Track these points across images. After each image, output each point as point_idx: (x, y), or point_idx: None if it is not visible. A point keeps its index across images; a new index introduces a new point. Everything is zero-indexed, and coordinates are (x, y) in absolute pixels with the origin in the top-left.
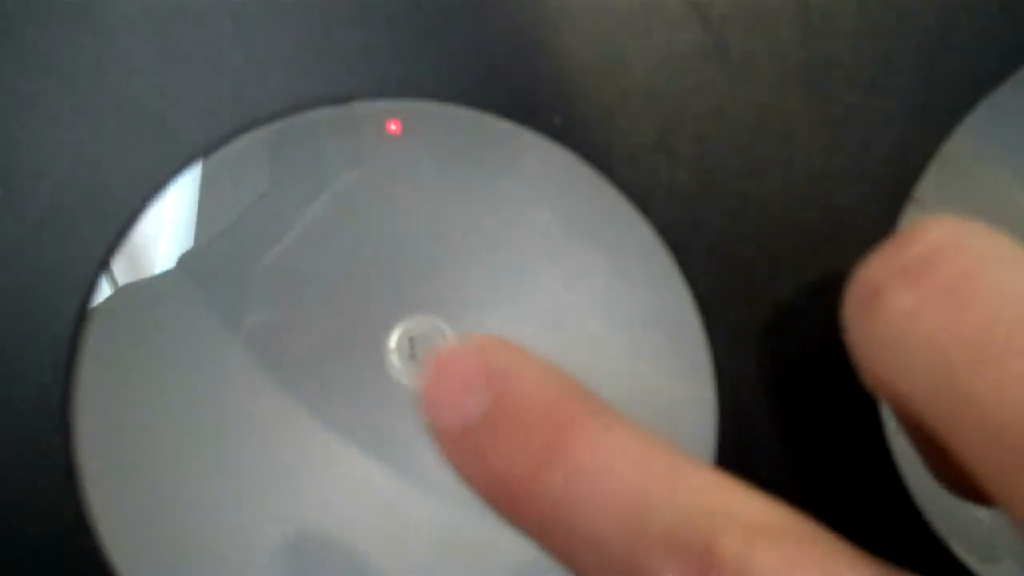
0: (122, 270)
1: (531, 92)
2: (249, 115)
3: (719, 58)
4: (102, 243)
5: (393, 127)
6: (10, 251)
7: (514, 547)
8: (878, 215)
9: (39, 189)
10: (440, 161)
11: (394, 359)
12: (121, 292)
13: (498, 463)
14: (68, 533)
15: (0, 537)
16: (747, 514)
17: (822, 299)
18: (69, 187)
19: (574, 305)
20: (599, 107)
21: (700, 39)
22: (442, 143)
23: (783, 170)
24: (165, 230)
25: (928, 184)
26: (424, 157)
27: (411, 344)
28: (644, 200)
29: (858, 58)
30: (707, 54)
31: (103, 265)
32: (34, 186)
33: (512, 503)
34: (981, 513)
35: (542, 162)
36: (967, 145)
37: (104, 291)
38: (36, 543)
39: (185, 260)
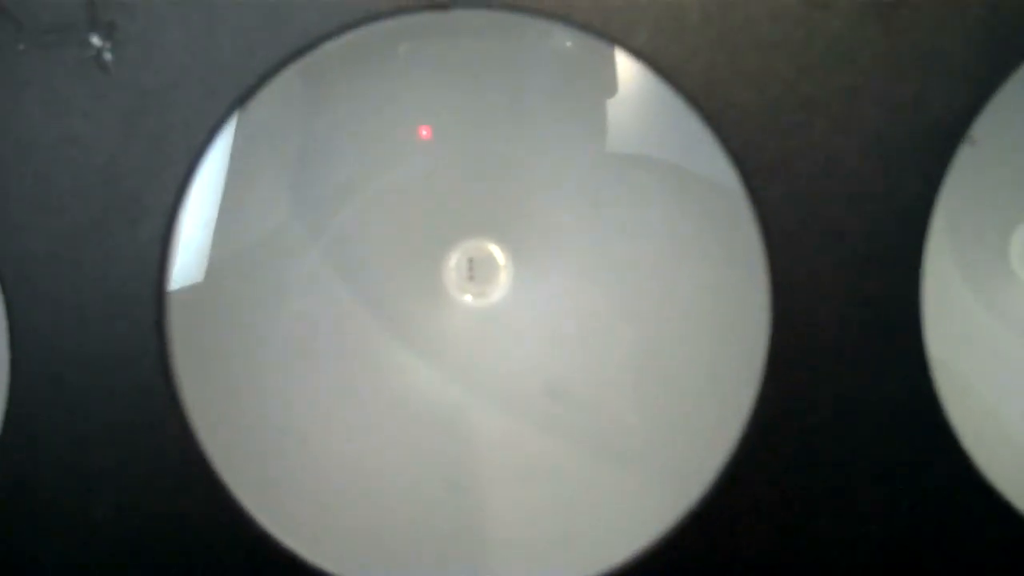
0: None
1: (619, 8)
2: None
3: None
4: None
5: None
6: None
7: (566, 458)
8: (934, 150)
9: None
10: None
11: (452, 278)
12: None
13: None
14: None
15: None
16: None
17: (875, 217)
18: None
19: (638, 229)
20: (681, 28)
21: None
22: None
23: (849, 99)
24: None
25: (984, 124)
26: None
27: (470, 265)
28: (716, 118)
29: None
30: None
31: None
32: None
33: None
34: None
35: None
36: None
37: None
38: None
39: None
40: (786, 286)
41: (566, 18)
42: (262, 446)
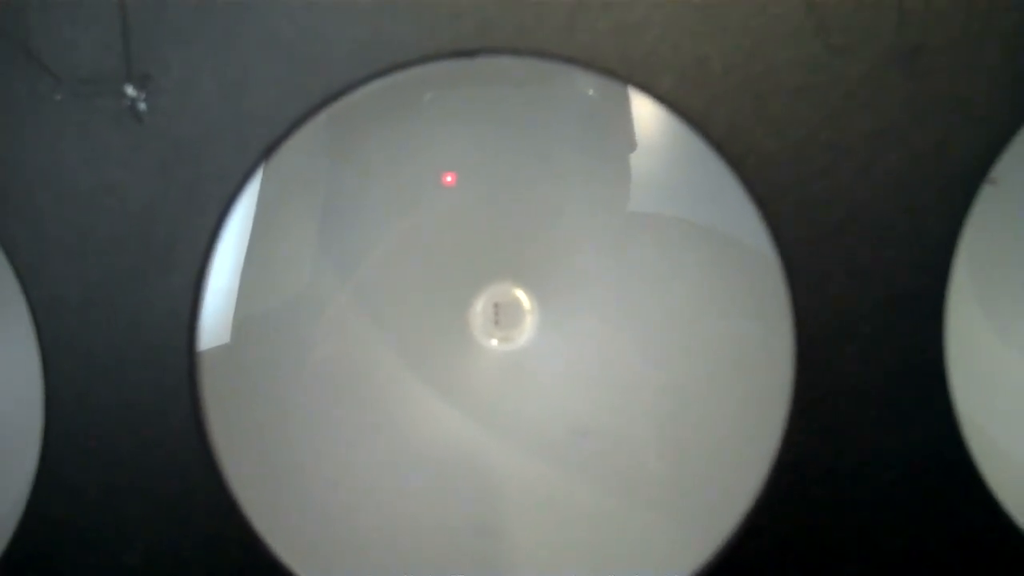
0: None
1: (641, 55)
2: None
3: (818, 35)
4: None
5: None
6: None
7: (592, 502)
8: (956, 194)
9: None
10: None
11: (478, 323)
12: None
13: None
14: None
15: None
16: None
17: (898, 260)
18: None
19: (663, 273)
20: (704, 75)
21: (801, 17)
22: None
23: (872, 143)
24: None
25: (1005, 166)
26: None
27: (495, 310)
28: (741, 164)
29: (948, 42)
30: (807, 30)
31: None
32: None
33: None
34: None
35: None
36: None
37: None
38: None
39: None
40: (811, 330)
41: (591, 65)
42: (292, 493)
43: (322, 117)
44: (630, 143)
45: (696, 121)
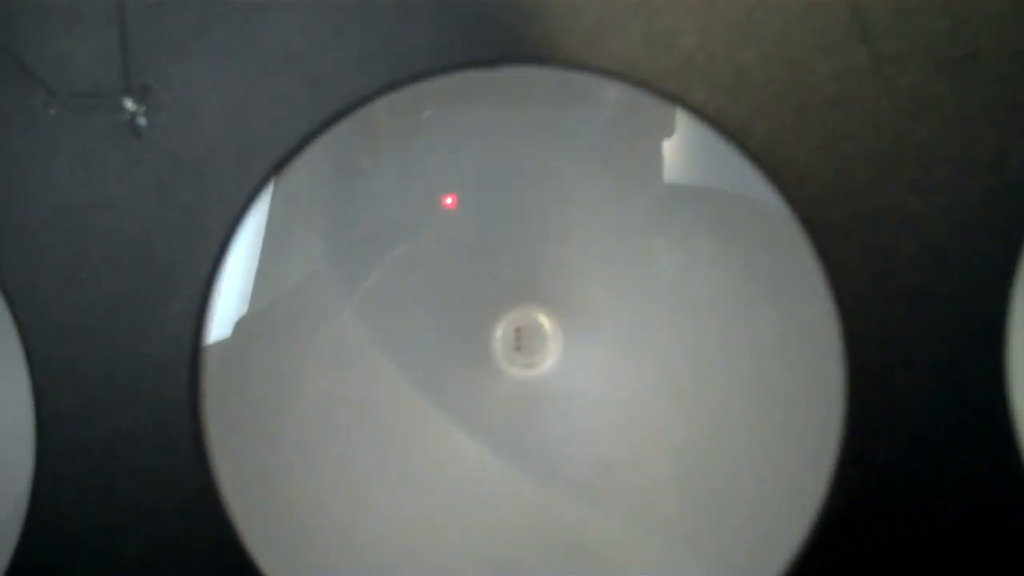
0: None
1: (676, 65)
2: (396, 75)
3: (864, 42)
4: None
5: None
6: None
7: (619, 540)
8: (1014, 210)
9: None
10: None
11: (500, 349)
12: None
13: None
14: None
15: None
16: None
17: (954, 281)
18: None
19: (698, 295)
20: (743, 85)
21: (846, 23)
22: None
23: (923, 157)
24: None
25: None
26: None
27: (517, 335)
28: (783, 180)
29: (1003, 48)
30: (852, 38)
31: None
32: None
33: None
34: None
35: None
36: None
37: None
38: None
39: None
40: (861, 356)
41: (620, 75)
42: (298, 527)
43: (333, 132)
44: (662, 158)
45: (734, 134)
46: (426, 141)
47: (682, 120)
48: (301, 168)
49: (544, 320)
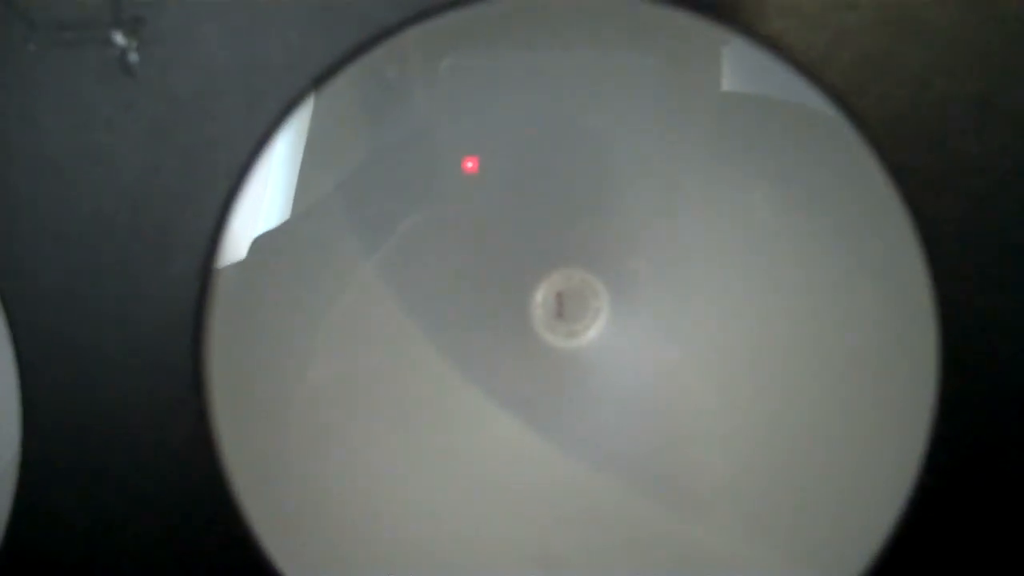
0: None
1: None
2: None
3: None
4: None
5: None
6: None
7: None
8: None
9: None
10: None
11: (540, 316)
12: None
13: None
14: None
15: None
16: None
17: None
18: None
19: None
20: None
21: None
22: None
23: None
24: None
25: None
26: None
27: (558, 300)
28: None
29: None
30: None
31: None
32: None
33: None
34: None
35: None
36: None
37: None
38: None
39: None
40: (955, 324)
41: (681, 2)
42: (321, 519)
43: (353, 70)
44: (727, 99)
45: (812, 69)
46: (462, 86)
47: (752, 54)
48: (318, 111)
49: (590, 282)
